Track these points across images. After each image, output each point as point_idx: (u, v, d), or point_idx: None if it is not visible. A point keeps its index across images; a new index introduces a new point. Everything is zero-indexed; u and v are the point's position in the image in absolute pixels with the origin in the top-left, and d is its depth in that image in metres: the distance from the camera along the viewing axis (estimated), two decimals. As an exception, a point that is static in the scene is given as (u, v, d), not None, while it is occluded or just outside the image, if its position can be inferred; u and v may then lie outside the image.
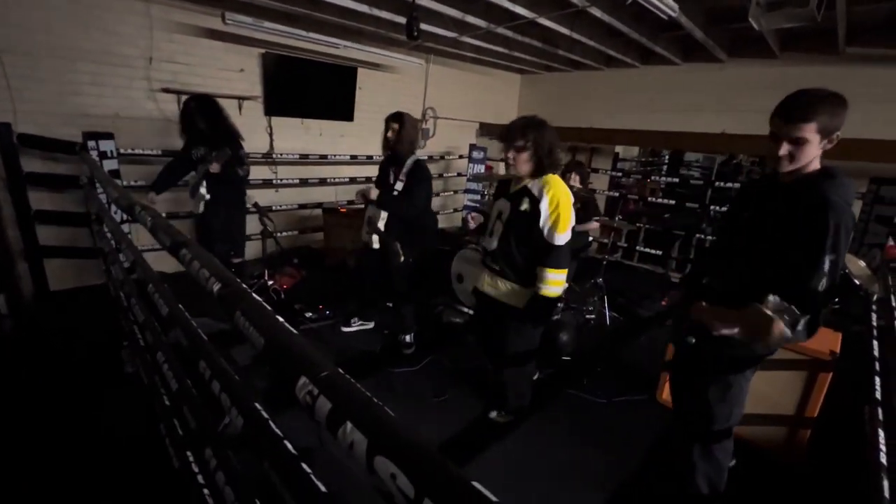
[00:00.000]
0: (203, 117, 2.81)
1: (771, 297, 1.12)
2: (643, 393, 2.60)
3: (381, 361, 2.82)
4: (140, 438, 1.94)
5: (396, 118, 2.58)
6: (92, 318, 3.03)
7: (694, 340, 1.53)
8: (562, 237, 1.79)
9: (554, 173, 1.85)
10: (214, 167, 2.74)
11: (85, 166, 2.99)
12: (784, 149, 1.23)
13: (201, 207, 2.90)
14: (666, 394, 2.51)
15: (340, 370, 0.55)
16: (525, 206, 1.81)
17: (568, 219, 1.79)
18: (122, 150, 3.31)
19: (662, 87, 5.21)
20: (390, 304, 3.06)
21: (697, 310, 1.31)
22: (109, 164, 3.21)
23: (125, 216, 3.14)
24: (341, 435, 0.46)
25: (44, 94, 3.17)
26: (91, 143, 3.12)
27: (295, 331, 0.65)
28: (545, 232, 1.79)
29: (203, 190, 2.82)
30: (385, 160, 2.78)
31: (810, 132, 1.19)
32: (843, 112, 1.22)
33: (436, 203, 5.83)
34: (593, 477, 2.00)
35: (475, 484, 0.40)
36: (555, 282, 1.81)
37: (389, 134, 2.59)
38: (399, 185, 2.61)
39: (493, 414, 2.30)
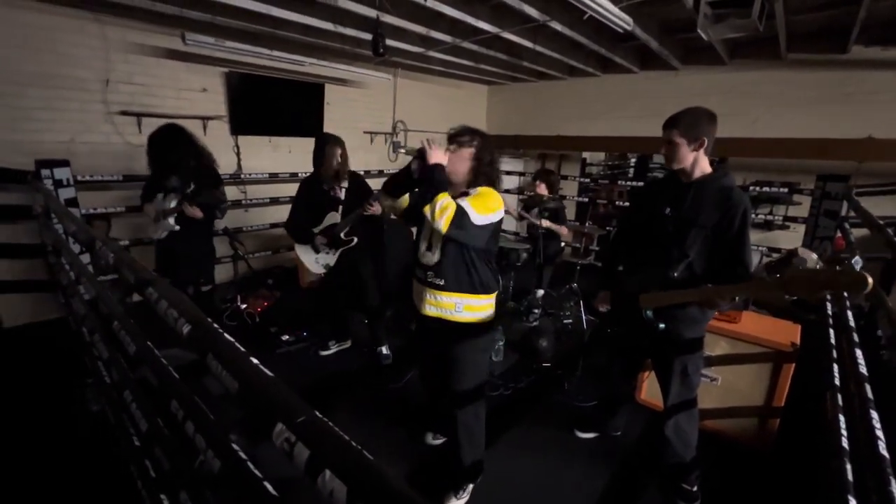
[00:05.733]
0: (173, 150, 2.62)
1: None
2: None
3: (363, 380, 2.78)
4: (109, 481, 1.85)
5: (342, 144, 2.67)
6: (52, 354, 2.86)
7: (664, 326, 1.69)
8: (479, 217, 1.57)
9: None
10: (195, 212, 2.63)
11: (39, 195, 2.85)
12: (663, 149, 1.63)
13: (163, 234, 2.74)
14: (645, 393, 2.58)
15: (318, 413, 0.54)
16: None
17: (487, 207, 1.60)
18: (79, 177, 3.17)
19: (623, 95, 5.41)
20: (366, 321, 3.04)
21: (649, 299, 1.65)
22: (66, 193, 3.06)
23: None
24: (321, 483, 0.46)
25: (-9, 122, 3.02)
26: (45, 172, 2.97)
27: (270, 373, 0.64)
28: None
29: (171, 220, 2.68)
30: (316, 180, 2.74)
31: (676, 136, 1.58)
32: (703, 122, 1.57)
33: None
34: (580, 481, 2.03)
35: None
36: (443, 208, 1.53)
37: (340, 159, 2.65)
38: (343, 196, 2.74)
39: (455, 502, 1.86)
